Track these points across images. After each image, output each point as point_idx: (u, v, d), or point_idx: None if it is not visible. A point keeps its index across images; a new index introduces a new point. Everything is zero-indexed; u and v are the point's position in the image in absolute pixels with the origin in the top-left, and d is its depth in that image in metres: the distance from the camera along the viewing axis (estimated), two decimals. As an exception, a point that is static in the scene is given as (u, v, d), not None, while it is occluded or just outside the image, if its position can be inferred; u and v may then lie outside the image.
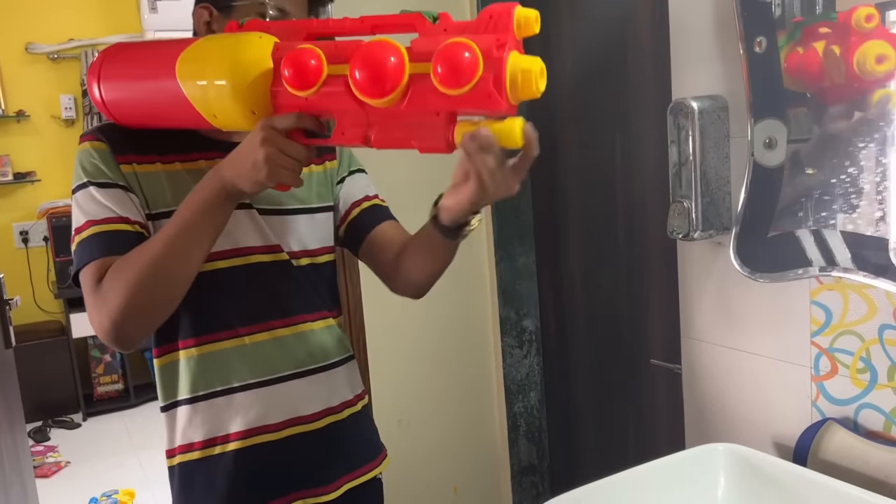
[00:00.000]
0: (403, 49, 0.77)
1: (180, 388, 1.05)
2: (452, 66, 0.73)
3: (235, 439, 1.04)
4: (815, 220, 1.00)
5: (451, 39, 0.74)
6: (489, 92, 0.74)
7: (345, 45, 0.81)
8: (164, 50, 0.92)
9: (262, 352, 1.05)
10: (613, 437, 1.69)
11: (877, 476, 0.97)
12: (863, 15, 0.90)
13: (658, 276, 1.48)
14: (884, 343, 0.95)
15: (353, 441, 1.14)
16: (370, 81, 0.76)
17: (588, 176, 1.66)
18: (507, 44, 0.74)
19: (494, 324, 1.90)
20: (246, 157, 0.87)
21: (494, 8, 0.76)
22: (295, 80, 0.81)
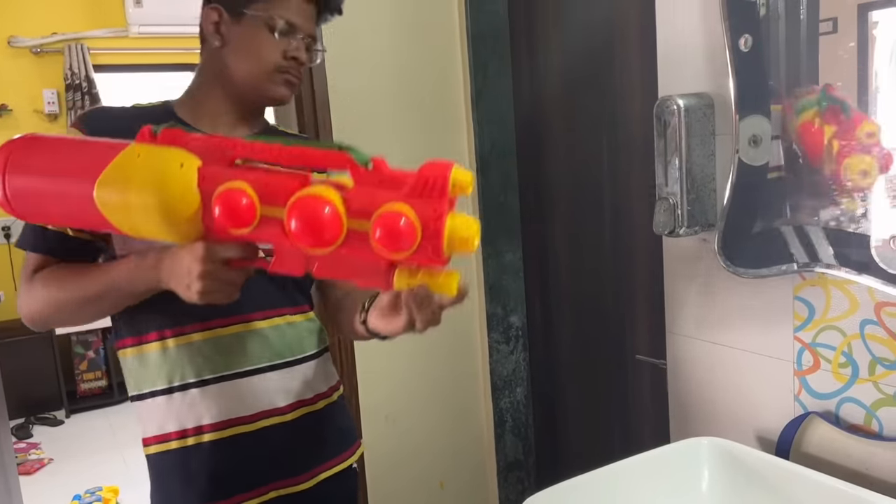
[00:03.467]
0: (341, 204, 0.77)
1: (154, 378, 1.06)
2: (391, 235, 0.74)
3: (209, 431, 1.05)
4: (798, 216, 1.01)
5: (389, 206, 0.75)
6: (428, 256, 0.77)
7: (277, 185, 0.80)
8: (83, 162, 0.86)
9: (237, 344, 1.06)
10: (599, 433, 1.70)
11: (857, 469, 0.99)
12: (865, 130, 0.92)
13: (644, 273, 1.49)
14: (865, 338, 0.96)
15: (328, 431, 1.15)
16: (307, 235, 0.77)
17: (575, 173, 1.67)
18: (444, 213, 0.76)
19: (481, 320, 1.91)
20: (183, 276, 0.88)
21: (431, 169, 0.77)
22: (227, 220, 0.80)
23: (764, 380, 1.11)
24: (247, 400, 1.06)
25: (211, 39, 1.08)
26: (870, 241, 0.92)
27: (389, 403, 1.81)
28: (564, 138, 1.69)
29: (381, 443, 1.79)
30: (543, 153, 1.75)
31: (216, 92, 1.11)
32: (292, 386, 1.10)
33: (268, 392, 1.08)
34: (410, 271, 0.80)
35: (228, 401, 1.06)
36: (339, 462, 1.16)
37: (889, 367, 0.94)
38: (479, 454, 1.94)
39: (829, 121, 0.96)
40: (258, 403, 1.07)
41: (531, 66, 1.76)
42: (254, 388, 1.07)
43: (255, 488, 1.08)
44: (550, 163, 1.74)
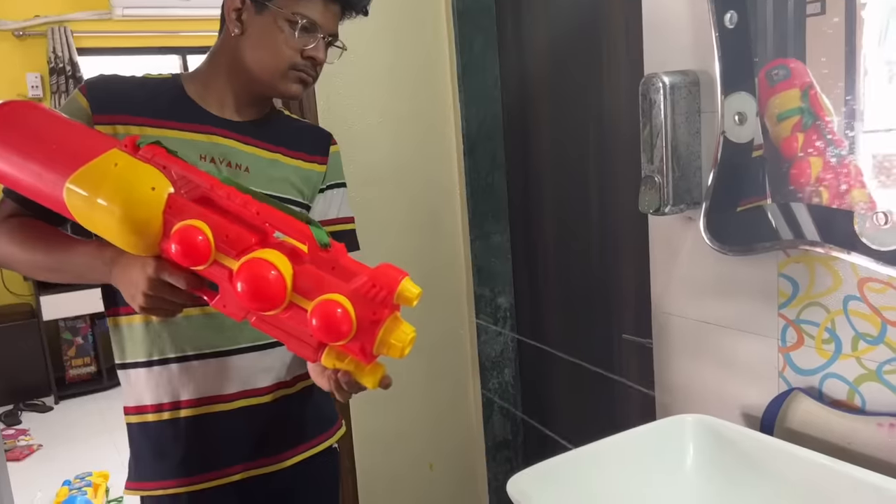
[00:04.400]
0: (290, 276, 0.80)
1: (135, 350, 1.08)
2: (326, 324, 0.77)
3: (186, 407, 1.08)
4: (783, 193, 1.01)
5: (332, 295, 0.78)
6: (356, 352, 0.81)
7: (236, 236, 0.83)
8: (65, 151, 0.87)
9: (217, 323, 1.07)
10: (586, 412, 1.71)
11: (840, 443, 0.99)
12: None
13: (630, 252, 1.49)
14: (848, 314, 0.97)
15: (306, 413, 1.17)
16: (250, 297, 0.80)
17: (561, 153, 1.66)
18: (383, 320, 0.79)
19: (469, 301, 1.91)
20: (130, 285, 0.90)
21: (383, 274, 0.80)
22: (180, 256, 0.82)
23: (748, 357, 1.11)
24: (226, 379, 1.08)
25: (231, 26, 1.08)
26: (853, 217, 0.92)
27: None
28: (551, 117, 1.68)
29: (369, 425, 1.80)
30: (530, 133, 1.74)
31: (226, 77, 1.11)
32: (272, 367, 1.11)
33: (247, 372, 1.09)
34: (339, 354, 0.84)
35: (207, 379, 1.07)
36: (317, 443, 1.18)
37: (871, 342, 0.94)
38: (467, 435, 1.95)
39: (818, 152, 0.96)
40: (237, 383, 1.08)
41: (517, 44, 1.75)
42: (233, 367, 1.08)
43: (230, 467, 1.10)
44: (537, 143, 1.73)
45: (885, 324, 0.92)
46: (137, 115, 1.05)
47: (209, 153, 1.09)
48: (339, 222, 1.24)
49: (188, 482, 1.08)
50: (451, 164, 1.85)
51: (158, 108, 1.07)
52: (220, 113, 1.12)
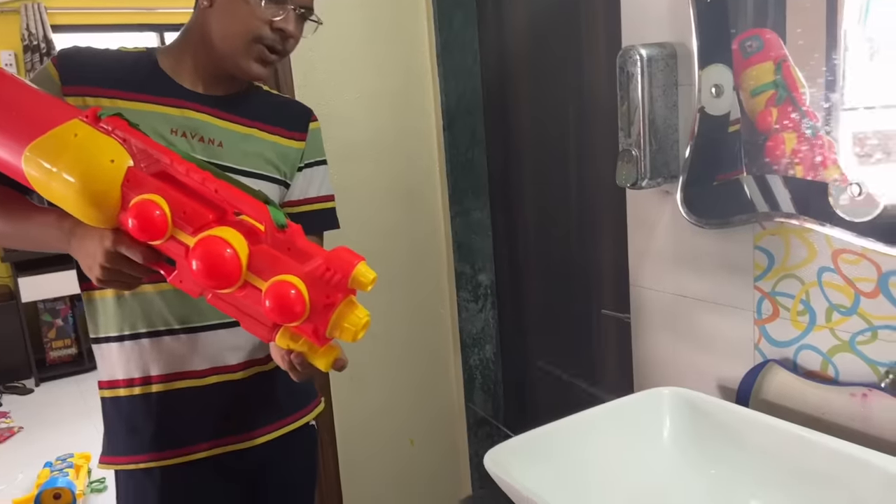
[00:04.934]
0: (245, 255, 0.80)
1: (107, 325, 1.08)
2: (279, 305, 0.78)
3: (157, 382, 1.07)
4: (758, 166, 1.01)
5: (287, 277, 0.78)
6: (309, 333, 0.81)
7: (193, 212, 0.83)
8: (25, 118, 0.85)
9: (190, 300, 1.05)
10: (566, 388, 1.72)
11: (814, 414, 1.00)
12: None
13: (609, 227, 1.49)
14: (822, 285, 0.97)
15: (281, 391, 1.16)
16: (205, 275, 0.80)
17: (541, 129, 1.66)
18: (336, 304, 0.80)
19: (450, 278, 1.91)
20: (87, 256, 0.90)
21: (338, 258, 0.80)
22: (137, 230, 0.82)
23: (725, 330, 1.12)
24: (196, 354, 1.07)
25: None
26: (828, 189, 0.92)
27: (358, 362, 1.80)
28: (531, 93, 1.67)
29: (350, 401, 1.80)
30: (510, 109, 1.73)
31: (197, 51, 1.09)
32: (243, 344, 1.10)
33: (218, 349, 1.08)
34: (293, 335, 0.84)
35: (178, 354, 1.07)
36: (293, 420, 1.18)
37: (845, 313, 0.95)
38: (448, 411, 1.96)
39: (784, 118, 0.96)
40: (208, 359, 1.08)
41: (497, 20, 1.73)
42: (204, 343, 1.07)
43: (202, 442, 1.09)
44: (517, 118, 1.72)
45: (859, 295, 0.93)
46: (109, 87, 1.04)
47: (181, 127, 1.07)
48: (319, 200, 1.22)
49: (159, 457, 1.08)
50: (430, 139, 1.83)
51: (131, 81, 1.06)
52: (194, 87, 1.10)
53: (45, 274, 3.99)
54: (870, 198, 0.88)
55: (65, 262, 3.82)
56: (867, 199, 0.88)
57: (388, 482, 1.87)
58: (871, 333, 0.93)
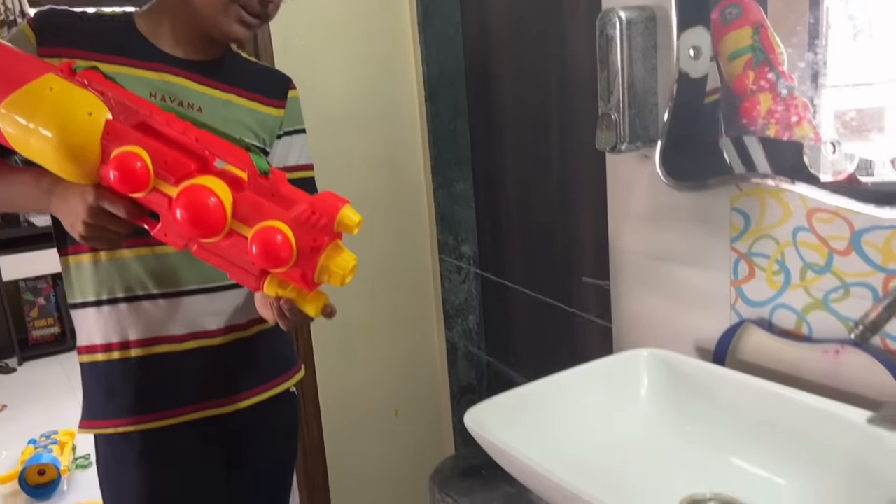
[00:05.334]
0: (230, 203, 0.80)
1: (84, 290, 1.07)
2: (266, 251, 0.78)
3: (136, 346, 1.07)
4: (735, 128, 1.02)
5: (272, 222, 0.79)
6: (297, 279, 0.82)
7: (175, 162, 0.82)
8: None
9: (169, 264, 1.06)
10: (548, 356, 1.73)
11: (789, 372, 1.02)
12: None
13: (589, 194, 1.50)
14: (797, 245, 0.99)
15: (262, 357, 1.17)
16: (190, 224, 0.80)
17: (523, 98, 1.66)
18: (322, 247, 0.80)
19: (433, 249, 1.91)
20: (70, 214, 0.89)
21: (323, 202, 0.81)
22: (119, 183, 0.82)
23: (702, 291, 1.13)
24: (175, 320, 1.07)
25: None
26: (803, 148, 0.93)
27: (342, 333, 1.81)
28: (512, 62, 1.67)
29: (335, 373, 1.81)
30: (492, 78, 1.73)
31: (175, 13, 1.08)
32: (223, 310, 1.10)
33: (196, 314, 1.08)
34: (281, 282, 0.84)
35: (156, 319, 1.07)
36: (273, 386, 1.19)
37: (819, 272, 0.97)
38: (432, 381, 1.97)
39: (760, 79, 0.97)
40: (187, 324, 1.08)
41: (478, -12, 1.72)
42: (183, 308, 1.07)
43: (182, 407, 1.10)
44: (499, 88, 1.72)
45: (832, 253, 0.95)
46: (86, 49, 1.03)
47: (160, 91, 1.06)
48: (299, 169, 1.22)
49: (138, 420, 1.08)
50: (412, 110, 1.83)
51: (109, 44, 1.05)
52: (172, 51, 1.09)
53: (26, 252, 3.95)
54: (844, 156, 0.89)
55: (46, 241, 3.79)
56: (841, 158, 0.89)
57: (372, 451, 1.89)
58: (843, 291, 0.94)
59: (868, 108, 0.88)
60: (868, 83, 0.87)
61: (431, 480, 0.99)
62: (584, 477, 0.78)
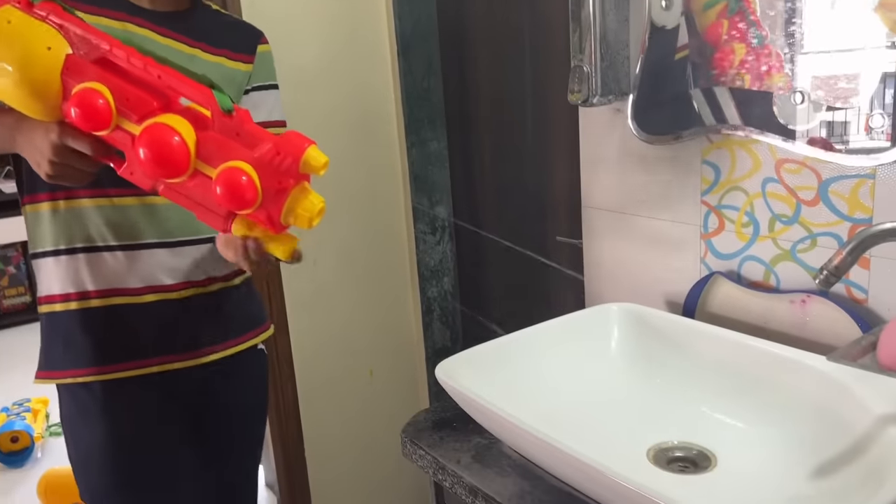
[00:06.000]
0: (193, 143, 0.79)
1: (44, 239, 1.06)
2: (231, 192, 0.77)
3: (94, 297, 1.07)
4: (707, 78, 1.01)
5: (236, 163, 0.77)
6: (264, 221, 0.81)
7: (137, 100, 0.81)
8: None
9: (128, 216, 1.05)
10: (522, 315, 1.74)
11: (757, 323, 1.03)
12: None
13: (563, 153, 1.49)
14: (766, 196, 0.99)
15: (225, 313, 1.16)
16: (153, 164, 0.79)
17: (497, 51, 1.64)
18: (288, 189, 0.79)
19: (407, 211, 1.90)
20: (35, 152, 0.88)
21: (289, 142, 0.79)
22: (81, 120, 0.81)
23: (673, 246, 1.14)
24: (133, 272, 1.07)
25: None
26: (772, 98, 0.93)
27: (315, 294, 1.80)
28: (485, 18, 1.64)
29: (307, 333, 1.80)
30: (466, 34, 1.70)
31: None
32: (181, 266, 1.09)
33: (155, 268, 1.08)
34: (249, 224, 0.83)
35: (114, 271, 1.06)
36: (236, 343, 1.18)
37: (786, 222, 0.97)
38: (407, 342, 1.97)
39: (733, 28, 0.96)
40: (144, 278, 1.07)
41: (451, -57, 1.69)
42: (141, 261, 1.07)
43: (143, 359, 1.09)
44: (472, 43, 1.69)
45: (800, 203, 0.95)
46: None
47: (122, 42, 1.03)
48: (269, 126, 1.20)
49: (98, 371, 1.07)
50: (384, 67, 1.80)
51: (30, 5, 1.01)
52: (137, 1, 1.06)
53: (-6, 220, 3.88)
54: (812, 105, 0.89)
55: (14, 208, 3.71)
56: (810, 106, 0.89)
57: (347, 411, 1.89)
58: (810, 241, 0.95)
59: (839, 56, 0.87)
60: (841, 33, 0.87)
61: (403, 433, 0.99)
62: (554, 427, 0.78)
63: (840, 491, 0.72)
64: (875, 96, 0.84)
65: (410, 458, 0.99)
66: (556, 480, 0.85)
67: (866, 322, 0.90)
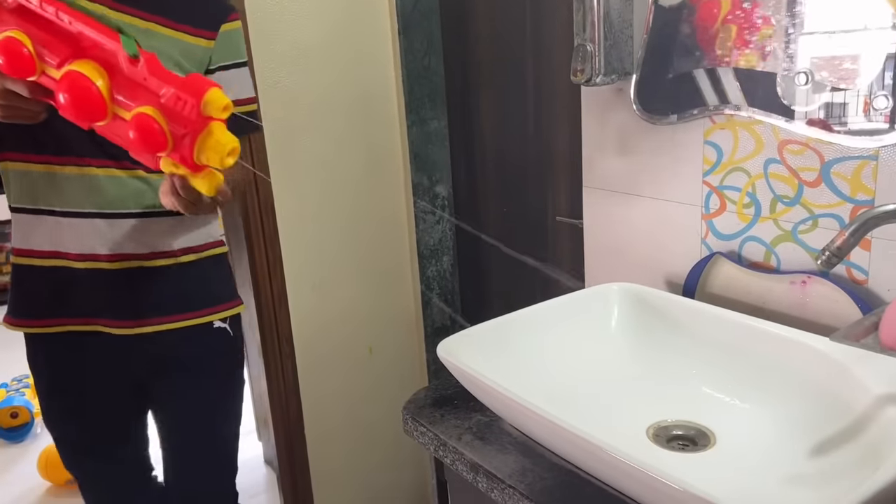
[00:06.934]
0: (106, 89, 0.84)
1: (9, 195, 1.16)
2: (142, 138, 0.83)
3: (37, 256, 1.16)
4: (710, 58, 1.01)
5: (144, 108, 0.82)
6: (181, 162, 0.86)
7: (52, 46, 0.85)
8: None
9: (70, 185, 1.12)
10: (522, 295, 1.75)
11: (756, 303, 1.04)
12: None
13: (563, 131, 1.49)
14: (768, 177, 0.99)
15: (168, 288, 1.21)
16: (74, 111, 0.85)
17: (498, 33, 1.63)
18: (195, 132, 0.84)
19: (407, 190, 1.90)
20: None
21: (190, 85, 0.83)
22: (8, 69, 0.86)
23: (674, 226, 1.14)
24: (71, 239, 1.15)
25: None
26: (776, 79, 0.93)
27: (315, 272, 1.80)
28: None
29: (308, 311, 1.80)
30: (467, 11, 1.69)
31: None
32: (115, 238, 1.16)
33: (87, 238, 1.15)
34: (175, 162, 0.87)
35: (55, 235, 1.15)
36: (184, 318, 1.23)
37: (788, 203, 0.97)
38: (406, 320, 1.98)
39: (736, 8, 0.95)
40: (81, 245, 1.15)
41: (453, -82, 1.67)
42: (79, 230, 1.14)
43: (78, 317, 1.18)
44: (474, 21, 1.68)
45: (802, 184, 0.95)
46: None
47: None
48: (239, 104, 1.20)
49: (42, 324, 1.18)
50: (385, 44, 1.79)
51: None
52: None
53: (-9, 196, 3.87)
54: (816, 85, 0.89)
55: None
56: (814, 87, 0.89)
57: (346, 388, 1.90)
58: (812, 222, 0.95)
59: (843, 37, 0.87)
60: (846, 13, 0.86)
61: (404, 410, 1.00)
62: (554, 404, 0.79)
63: (839, 470, 0.73)
64: (877, 78, 0.84)
65: (411, 435, 1.00)
66: (557, 458, 0.86)
67: (866, 303, 0.90)
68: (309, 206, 1.76)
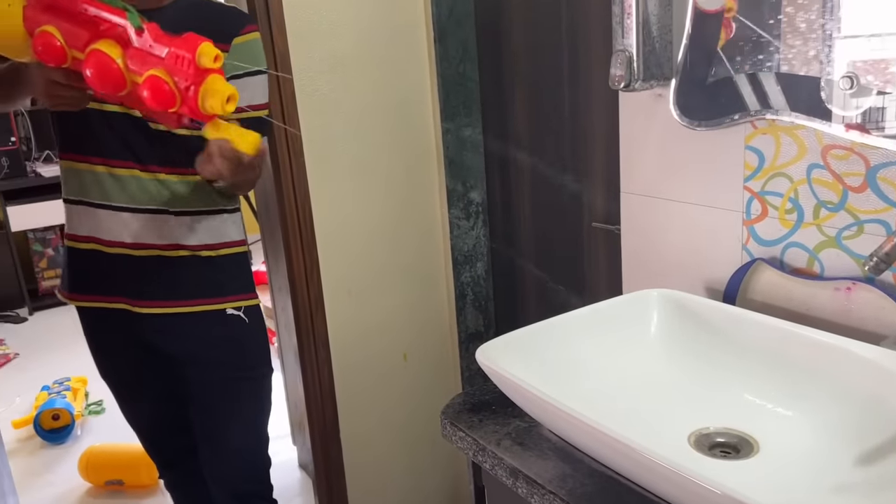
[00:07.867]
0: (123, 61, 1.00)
1: (63, 188, 1.36)
2: (155, 97, 0.99)
3: (79, 241, 1.35)
4: (751, 63, 1.00)
5: (152, 70, 0.98)
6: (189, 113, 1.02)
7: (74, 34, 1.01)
8: None
9: (101, 180, 1.30)
10: (557, 302, 1.74)
11: (799, 310, 1.03)
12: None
13: (601, 137, 1.49)
14: (811, 182, 0.98)
15: (183, 277, 1.36)
16: (99, 84, 1.01)
17: (534, 37, 1.63)
18: (196, 83, 0.98)
19: (441, 196, 1.90)
20: (37, 89, 1.10)
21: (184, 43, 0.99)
22: (45, 58, 1.02)
23: (714, 232, 1.13)
24: (103, 228, 1.32)
25: None
26: (820, 83, 0.92)
27: (352, 278, 1.82)
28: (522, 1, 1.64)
29: (344, 317, 1.82)
30: (502, 19, 1.70)
31: None
32: (137, 229, 1.32)
33: (117, 227, 1.32)
34: (215, 125, 1.04)
35: (92, 223, 1.33)
36: (194, 304, 1.37)
37: (832, 209, 0.96)
38: (440, 327, 1.98)
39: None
40: (112, 234, 1.32)
41: (489, -74, 1.68)
42: (109, 220, 1.32)
43: (109, 295, 1.37)
44: (509, 30, 1.69)
45: (847, 190, 0.94)
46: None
47: None
48: (255, 108, 1.29)
49: (81, 298, 1.39)
50: (421, 52, 1.80)
51: None
52: None
53: (34, 203, 3.96)
54: (862, 90, 0.88)
55: (54, 192, 3.79)
56: (859, 91, 0.88)
57: (381, 394, 1.91)
58: (857, 228, 0.94)
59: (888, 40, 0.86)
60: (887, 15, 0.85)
61: (442, 415, 1.00)
62: (594, 411, 0.78)
63: (887, 480, 0.72)
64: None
65: (450, 440, 1.00)
66: (598, 464, 0.85)
67: (914, 310, 0.89)
68: (345, 212, 1.78)
